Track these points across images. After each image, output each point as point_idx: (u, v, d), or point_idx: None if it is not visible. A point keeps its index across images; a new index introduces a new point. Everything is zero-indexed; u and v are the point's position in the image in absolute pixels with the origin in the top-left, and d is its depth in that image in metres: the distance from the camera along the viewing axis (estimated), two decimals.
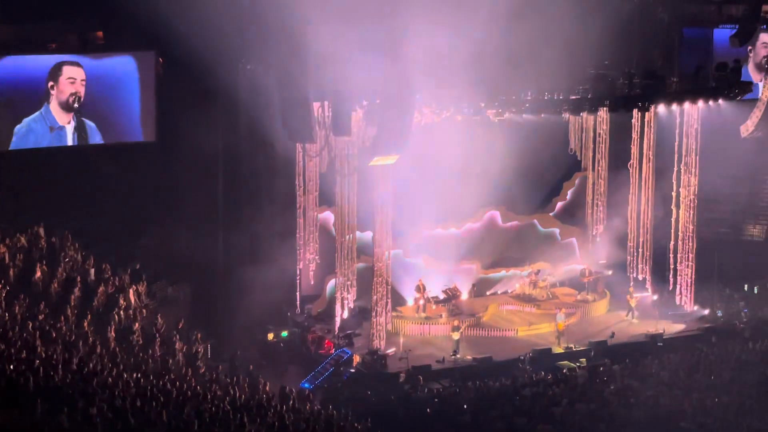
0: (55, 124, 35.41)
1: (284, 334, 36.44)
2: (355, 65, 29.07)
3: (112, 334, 29.33)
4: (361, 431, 25.54)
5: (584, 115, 39.32)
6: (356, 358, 34.42)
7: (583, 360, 34.90)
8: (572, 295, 41.14)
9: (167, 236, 36.28)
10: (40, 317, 27.65)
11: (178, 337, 31.23)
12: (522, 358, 34.64)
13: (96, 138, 36.25)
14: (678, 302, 39.96)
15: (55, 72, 35.32)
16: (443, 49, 31.23)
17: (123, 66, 36.42)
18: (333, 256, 36.65)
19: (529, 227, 42.26)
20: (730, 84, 39.80)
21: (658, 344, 36.68)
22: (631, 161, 41.03)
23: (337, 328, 36.29)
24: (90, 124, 36.01)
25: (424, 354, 35.34)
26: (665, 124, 39.97)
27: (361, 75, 30.23)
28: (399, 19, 28.68)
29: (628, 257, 41.54)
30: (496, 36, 33.12)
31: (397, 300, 37.98)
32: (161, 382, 24.34)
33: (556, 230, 43.15)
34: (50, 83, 35.23)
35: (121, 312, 30.78)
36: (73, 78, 35.50)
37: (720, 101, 39.31)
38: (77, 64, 35.54)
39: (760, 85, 43.72)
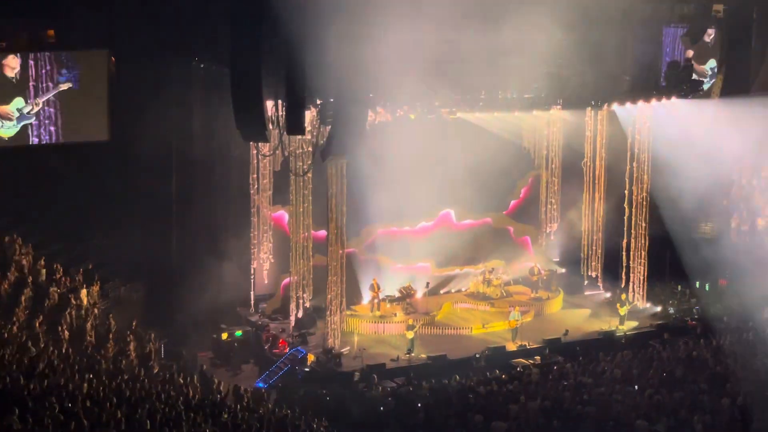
0: None
1: (238, 333, 36.37)
2: (309, 63, 28.99)
3: (65, 334, 29.10)
4: (316, 430, 25.51)
5: (537, 113, 39.49)
6: (311, 357, 34.40)
7: (538, 357, 35.09)
8: (526, 293, 41.35)
9: (120, 236, 36.09)
10: None
11: (131, 337, 31.04)
12: (477, 356, 34.77)
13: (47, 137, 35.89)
14: (630, 299, 40.27)
15: None
16: (399, 48, 31.23)
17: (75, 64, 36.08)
18: (287, 255, 36.61)
19: (482, 226, 42.39)
20: (681, 82, 40.17)
21: (622, 341, 36.95)
22: (585, 159, 41.35)
23: (291, 327, 36.26)
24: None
25: (379, 353, 35.38)
26: (618, 122, 40.30)
27: (316, 73, 30.18)
28: (356, 17, 28.61)
29: (582, 255, 41.86)
30: (452, 36, 33.20)
31: (352, 299, 37.98)
32: (114, 383, 24.19)
33: (510, 228, 43.36)
34: None
35: (74, 312, 30.54)
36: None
37: (673, 99, 39.70)
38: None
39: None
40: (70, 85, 35.63)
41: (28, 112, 35.25)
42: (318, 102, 32.28)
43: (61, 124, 35.80)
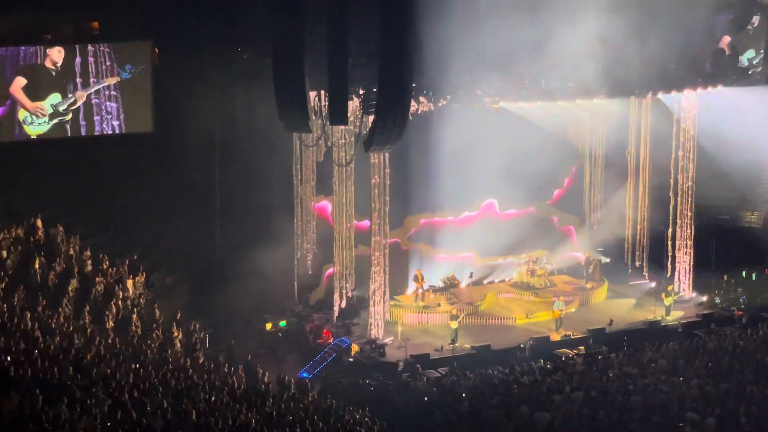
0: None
1: (282, 323, 36.48)
2: (353, 52, 28.98)
3: (111, 324, 29.31)
4: (360, 420, 25.53)
5: (580, 102, 39.22)
6: (354, 348, 34.44)
7: (582, 347, 34.94)
8: (570, 282, 41.18)
9: (165, 227, 36.27)
10: (39, 309, 27.62)
11: (176, 327, 31.21)
12: (521, 346, 34.67)
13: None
14: (676, 289, 39.97)
15: None
16: (443, 37, 31.21)
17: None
18: (331, 246, 36.66)
19: (526, 215, 42.19)
20: (727, 70, 39.78)
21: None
22: (629, 148, 41.05)
23: (335, 318, 36.31)
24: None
25: (423, 343, 35.36)
26: (663, 111, 39.98)
27: (359, 63, 30.19)
28: (400, 6, 28.51)
29: (626, 245, 41.60)
30: (497, 24, 33.03)
31: (395, 289, 37.97)
32: (160, 373, 24.34)
33: (554, 218, 43.15)
34: None
35: (119, 303, 30.75)
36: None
37: (718, 87, 39.33)
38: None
39: None
40: (118, 79, 35.68)
41: (65, 109, 35.26)
42: (361, 92, 32.26)
43: (123, 117, 35.87)
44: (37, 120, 35.00)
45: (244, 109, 36.96)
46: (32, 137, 35.10)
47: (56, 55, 34.93)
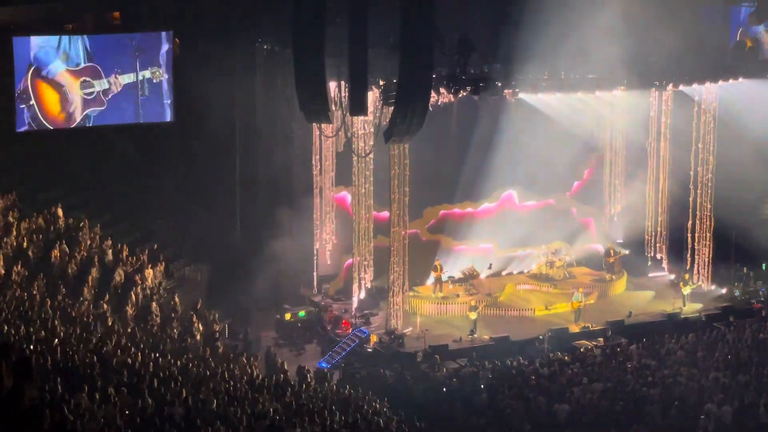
0: None
1: (302, 313, 36.53)
2: (373, 43, 28.98)
3: (131, 314, 29.45)
4: (378, 410, 25.59)
5: (601, 93, 39.09)
6: (373, 338, 34.49)
7: (601, 339, 34.90)
8: (589, 274, 41.11)
9: (185, 216, 36.39)
10: (59, 297, 27.77)
11: (196, 316, 31.33)
12: (539, 337, 34.66)
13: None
14: (695, 281, 39.87)
15: None
16: (464, 29, 31.20)
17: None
18: (350, 236, 36.71)
19: (545, 207, 42.12)
20: (748, 62, 39.60)
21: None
22: (649, 140, 40.94)
23: (354, 308, 36.37)
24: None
25: (442, 334, 35.39)
26: (683, 103, 39.85)
27: (379, 53, 30.18)
28: None
29: (646, 237, 41.50)
30: (518, 17, 32.98)
31: (414, 280, 37.99)
32: (180, 362, 24.45)
33: (573, 210, 43.05)
34: None
35: (139, 292, 30.88)
36: None
37: (740, 79, 39.18)
38: None
39: None
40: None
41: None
42: (381, 83, 32.27)
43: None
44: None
45: (264, 100, 37.01)
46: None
47: None
